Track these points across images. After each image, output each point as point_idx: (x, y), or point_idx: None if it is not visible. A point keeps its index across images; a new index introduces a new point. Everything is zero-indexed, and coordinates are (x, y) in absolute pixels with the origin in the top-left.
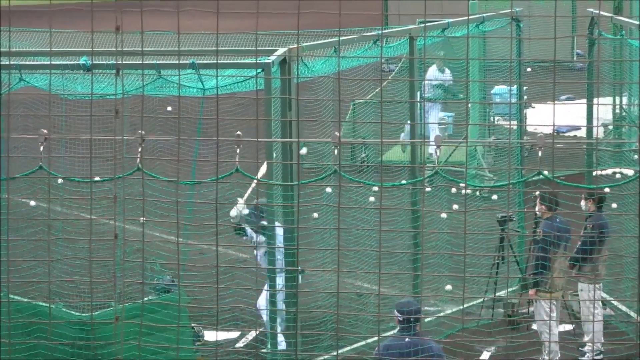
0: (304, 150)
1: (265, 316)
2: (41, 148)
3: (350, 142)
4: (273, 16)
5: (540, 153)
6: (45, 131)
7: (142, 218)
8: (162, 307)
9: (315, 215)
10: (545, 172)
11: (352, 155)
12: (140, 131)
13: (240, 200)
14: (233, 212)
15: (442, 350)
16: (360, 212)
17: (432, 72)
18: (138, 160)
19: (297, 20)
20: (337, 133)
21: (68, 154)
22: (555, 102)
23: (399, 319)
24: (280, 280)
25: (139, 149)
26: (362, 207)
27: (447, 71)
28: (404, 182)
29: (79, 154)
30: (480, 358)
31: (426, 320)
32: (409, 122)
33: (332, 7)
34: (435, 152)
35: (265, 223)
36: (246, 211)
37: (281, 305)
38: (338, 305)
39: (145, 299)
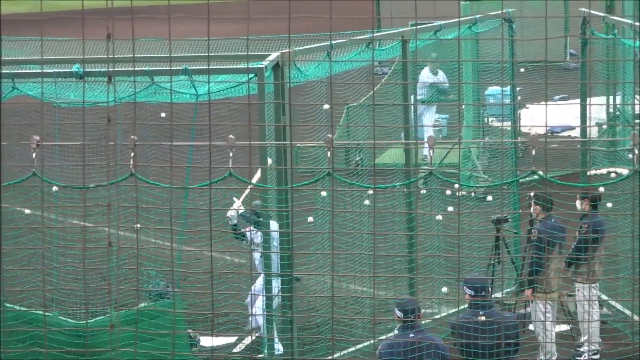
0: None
1: (255, 320)
2: (34, 155)
3: (342, 143)
4: (265, 20)
5: (533, 152)
6: (38, 137)
7: (136, 225)
8: (158, 314)
9: (310, 219)
10: (540, 172)
11: (346, 158)
12: (132, 136)
13: (237, 201)
14: (230, 213)
15: (445, 346)
16: (355, 215)
17: (426, 74)
18: (131, 165)
19: (289, 25)
20: (329, 135)
21: (61, 162)
22: (549, 102)
23: (400, 316)
24: (275, 284)
25: (132, 154)
26: (356, 210)
27: (441, 73)
28: (397, 184)
29: (72, 161)
30: None
31: (422, 322)
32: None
33: (324, 11)
34: (429, 152)
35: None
36: (242, 209)
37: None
38: (333, 310)
39: (141, 305)
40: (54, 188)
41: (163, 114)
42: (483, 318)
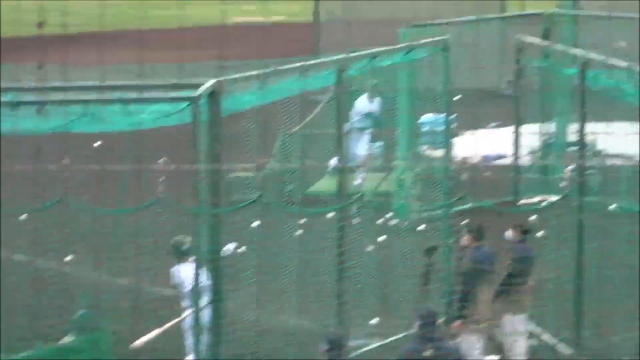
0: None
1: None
2: None
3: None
4: (201, 48)
5: (465, 176)
6: None
7: (68, 257)
8: (88, 347)
9: (232, 245)
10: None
11: (280, 189)
12: (64, 160)
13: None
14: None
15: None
16: (287, 245)
17: (363, 101)
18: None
19: (223, 51)
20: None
21: None
22: (483, 129)
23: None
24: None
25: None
26: (283, 240)
27: (377, 100)
28: (329, 213)
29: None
30: None
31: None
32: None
33: (258, 37)
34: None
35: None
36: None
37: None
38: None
39: (68, 337)
40: None
41: (98, 143)
42: (430, 352)
